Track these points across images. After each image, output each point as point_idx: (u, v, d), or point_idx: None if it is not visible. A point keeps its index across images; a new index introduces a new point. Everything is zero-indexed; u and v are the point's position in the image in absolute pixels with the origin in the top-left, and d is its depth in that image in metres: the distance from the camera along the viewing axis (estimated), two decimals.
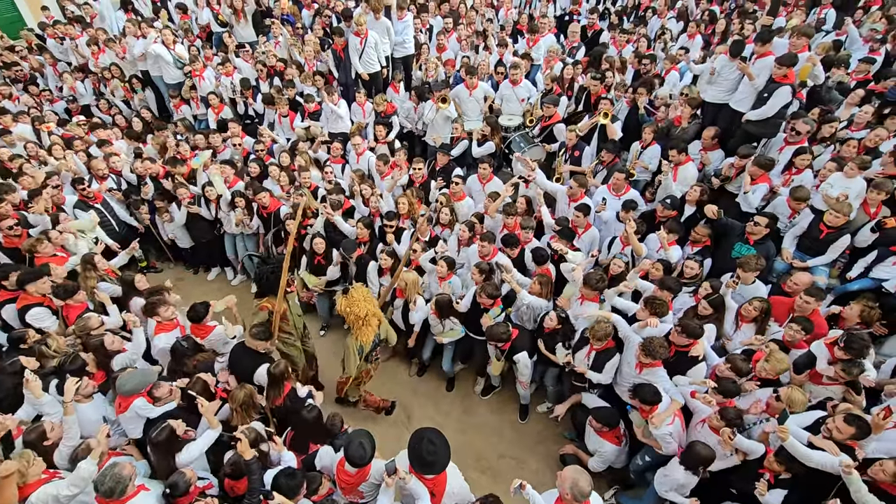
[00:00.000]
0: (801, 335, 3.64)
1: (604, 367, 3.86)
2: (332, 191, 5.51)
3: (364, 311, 3.67)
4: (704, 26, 7.94)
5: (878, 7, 8.03)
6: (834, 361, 3.44)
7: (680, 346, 3.69)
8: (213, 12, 8.71)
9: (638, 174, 5.74)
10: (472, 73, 6.60)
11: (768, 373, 3.49)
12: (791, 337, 3.68)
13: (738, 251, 4.45)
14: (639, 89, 6.15)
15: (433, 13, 8.95)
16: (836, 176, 4.68)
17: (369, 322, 3.77)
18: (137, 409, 3.32)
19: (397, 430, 4.69)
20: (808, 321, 3.66)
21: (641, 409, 3.52)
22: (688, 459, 3.24)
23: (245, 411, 3.42)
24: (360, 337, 3.81)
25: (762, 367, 3.51)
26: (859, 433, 2.93)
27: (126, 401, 3.32)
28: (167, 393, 3.41)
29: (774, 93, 5.04)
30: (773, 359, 3.47)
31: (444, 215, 5.04)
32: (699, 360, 3.69)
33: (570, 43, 7.88)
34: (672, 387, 3.63)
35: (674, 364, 3.72)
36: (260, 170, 6.06)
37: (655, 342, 3.50)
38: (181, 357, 3.85)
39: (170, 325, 4.09)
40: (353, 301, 3.67)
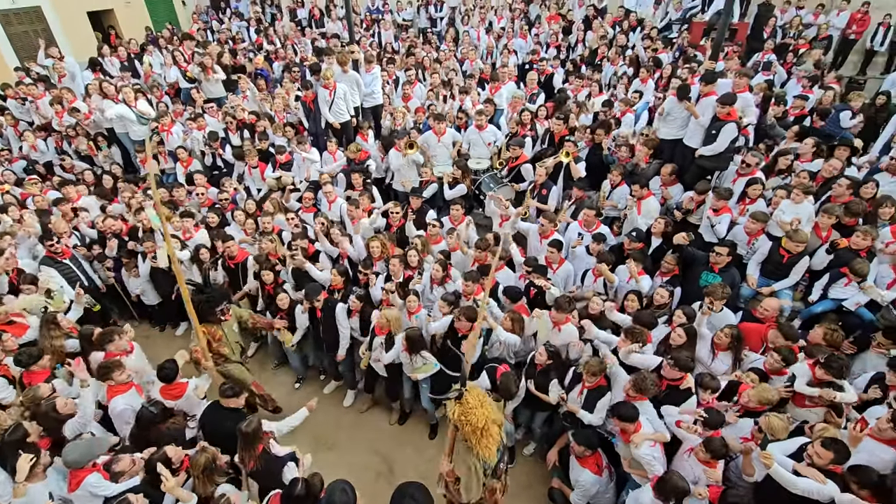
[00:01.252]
0: (781, 364, 3.70)
1: (595, 406, 3.81)
2: (297, 235, 5.46)
3: (482, 419, 3.04)
4: (653, 72, 8.54)
5: (807, 50, 8.87)
6: (816, 383, 3.51)
7: (671, 380, 3.71)
8: (181, 70, 8.86)
9: (607, 212, 5.97)
10: (440, 120, 6.84)
11: (754, 403, 3.52)
12: (772, 366, 3.75)
13: (704, 280, 4.60)
14: (598, 130, 6.49)
15: (399, 66, 9.35)
16: (786, 203, 4.98)
17: (490, 432, 3.08)
18: (90, 486, 2.97)
19: (379, 483, 4.47)
20: (791, 351, 3.73)
21: (623, 431, 3.49)
22: (661, 488, 3.14)
23: (207, 477, 3.13)
24: (482, 451, 3.09)
25: (748, 396, 3.54)
26: (838, 457, 2.94)
27: (77, 476, 2.98)
28: (129, 465, 3.09)
29: (721, 129, 5.40)
30: (759, 389, 3.52)
31: (412, 258, 5.05)
32: (691, 394, 3.70)
33: (529, 90, 8.33)
34: (658, 421, 3.61)
35: (666, 398, 3.72)
36: (218, 219, 5.99)
37: (648, 379, 3.50)
38: (148, 424, 3.54)
39: (124, 387, 3.78)
40: (468, 409, 3.03)
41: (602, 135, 6.46)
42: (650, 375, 3.55)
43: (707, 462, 3.23)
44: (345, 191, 6.59)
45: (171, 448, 3.07)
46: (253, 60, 9.98)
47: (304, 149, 6.63)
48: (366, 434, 4.98)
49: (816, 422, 3.47)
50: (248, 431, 3.23)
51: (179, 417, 3.78)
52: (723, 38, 7.38)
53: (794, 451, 3.18)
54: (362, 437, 4.94)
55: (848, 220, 4.73)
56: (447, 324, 4.39)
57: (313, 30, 12.56)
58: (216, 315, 4.48)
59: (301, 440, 4.90)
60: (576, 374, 3.98)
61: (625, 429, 3.45)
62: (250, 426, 3.25)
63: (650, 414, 3.59)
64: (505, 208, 5.49)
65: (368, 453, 4.79)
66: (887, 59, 10.11)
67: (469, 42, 10.74)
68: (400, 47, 11.43)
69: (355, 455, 4.77)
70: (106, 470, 3.05)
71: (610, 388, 3.85)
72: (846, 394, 3.43)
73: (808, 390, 3.53)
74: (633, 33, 10.41)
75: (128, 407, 3.67)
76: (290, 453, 3.43)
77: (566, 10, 12.22)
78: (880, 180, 5.25)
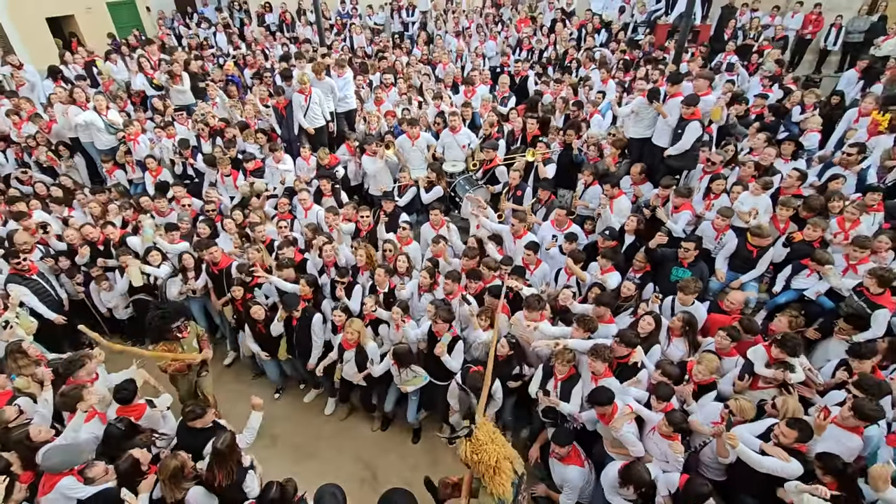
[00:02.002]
0: (727, 341, 3.90)
1: (570, 395, 3.92)
2: (282, 245, 5.40)
3: (494, 455, 2.98)
4: (623, 73, 8.76)
5: (768, 51, 9.24)
6: (772, 363, 3.69)
7: (620, 358, 3.89)
8: (148, 77, 8.65)
9: (580, 211, 6.09)
10: (413, 124, 6.87)
11: (703, 374, 3.73)
12: (720, 344, 3.94)
13: (675, 275, 4.75)
14: (568, 131, 6.62)
15: (372, 70, 9.34)
16: (745, 195, 5.24)
17: (502, 469, 3.03)
18: (64, 489, 2.96)
19: (364, 491, 4.45)
20: (735, 329, 3.94)
21: (602, 415, 3.60)
22: (625, 474, 3.29)
23: (175, 483, 3.11)
24: (496, 489, 3.02)
25: (697, 371, 3.75)
26: (802, 435, 3.10)
27: (51, 479, 2.96)
28: (101, 473, 3.08)
29: (686, 128, 5.58)
30: (704, 360, 3.74)
31: (402, 263, 5.05)
32: (639, 368, 3.90)
33: (501, 93, 8.45)
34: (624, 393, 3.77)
35: (619, 375, 3.89)
36: (210, 230, 5.88)
37: (601, 346, 3.73)
38: (117, 442, 3.49)
39: (89, 416, 3.68)
40: (479, 446, 2.98)
41: (572, 135, 6.59)
42: (603, 344, 3.77)
43: (669, 436, 3.37)
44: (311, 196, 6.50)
45: (137, 451, 3.07)
46: (223, 66, 9.83)
47: (277, 157, 6.56)
48: (348, 442, 4.95)
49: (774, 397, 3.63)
50: (223, 448, 3.20)
51: (147, 433, 3.72)
52: (685, 40, 7.62)
53: (762, 432, 3.33)
54: (344, 444, 4.91)
55: (805, 214, 4.97)
56: (426, 330, 4.42)
57: (283, 34, 12.42)
58: (172, 332, 4.39)
59: (282, 450, 4.88)
60: (546, 369, 4.06)
61: (603, 412, 3.57)
62: (224, 442, 3.22)
63: (614, 387, 3.74)
64: (483, 210, 5.55)
65: (351, 461, 4.76)
66: (840, 57, 10.60)
67: (442, 46, 10.81)
68: (372, 51, 11.42)
69: (338, 463, 4.74)
70: (80, 475, 3.06)
71: (580, 374, 3.98)
72: (796, 374, 3.62)
73: (765, 372, 3.72)
74: (597, 35, 10.65)
75: (91, 435, 3.58)
76: (251, 462, 3.45)
77: (537, 13, 12.43)
78: (839, 173, 5.52)
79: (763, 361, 3.78)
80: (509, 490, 3.04)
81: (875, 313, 4.01)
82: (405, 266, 5.03)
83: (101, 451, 3.57)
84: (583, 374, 3.99)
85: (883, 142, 5.97)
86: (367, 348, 4.54)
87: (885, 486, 2.85)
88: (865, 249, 4.39)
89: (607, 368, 3.81)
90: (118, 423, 3.60)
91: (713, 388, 3.84)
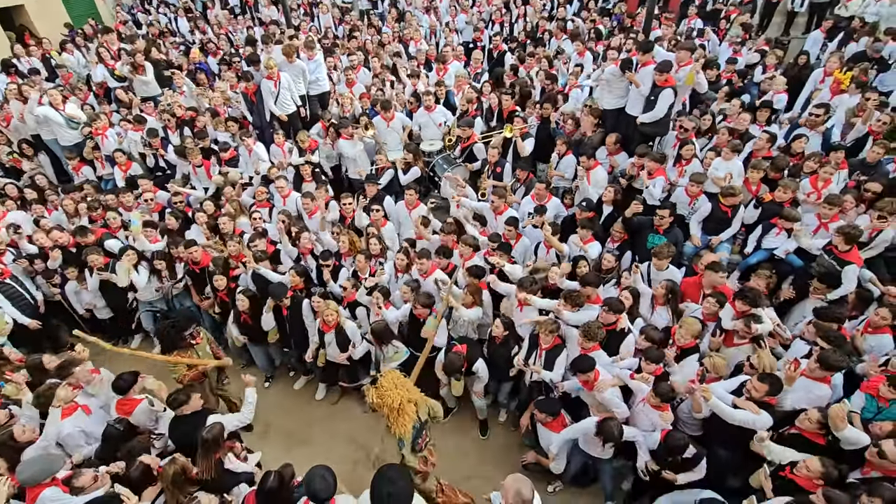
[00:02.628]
0: (716, 307, 4.01)
1: (554, 363, 4.02)
2: (253, 238, 5.31)
3: (398, 399, 3.28)
4: (594, 43, 8.71)
5: (735, 15, 9.26)
6: (738, 316, 3.84)
7: (608, 325, 3.99)
8: (109, 68, 8.32)
9: (556, 182, 6.13)
10: (387, 108, 6.77)
11: (685, 338, 3.85)
12: (708, 310, 4.05)
13: (651, 242, 4.86)
14: (545, 105, 6.61)
15: (342, 51, 9.12)
16: (718, 161, 5.34)
17: (405, 410, 3.33)
18: (48, 500, 2.89)
19: (358, 471, 4.54)
20: (723, 294, 4.05)
21: (584, 382, 3.72)
22: (600, 426, 3.46)
23: (178, 488, 3.09)
24: (398, 429, 3.33)
25: (679, 335, 3.87)
26: (772, 389, 3.26)
27: (32, 492, 2.90)
28: (90, 482, 3.00)
29: (659, 96, 5.62)
30: (685, 324, 3.86)
31: (374, 246, 5.06)
32: (627, 333, 4.02)
33: (474, 69, 8.35)
34: (612, 366, 3.90)
35: (608, 342, 4.00)
36: (178, 223, 5.76)
37: (593, 325, 3.78)
38: (116, 442, 3.48)
39: (70, 409, 3.65)
40: (383, 391, 3.29)
41: (549, 109, 6.58)
42: (595, 322, 3.84)
43: (658, 406, 3.51)
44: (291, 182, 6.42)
45: (148, 458, 3.04)
46: (189, 54, 9.48)
47: (249, 143, 6.42)
48: (340, 425, 5.02)
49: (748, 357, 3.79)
50: (209, 438, 3.18)
51: (145, 434, 3.70)
52: (654, 7, 7.58)
53: (735, 388, 3.50)
54: (337, 428, 4.98)
55: (774, 175, 5.09)
56: (407, 312, 4.46)
57: (247, 17, 12.00)
58: (185, 340, 4.33)
59: (274, 438, 4.93)
60: (532, 338, 4.15)
61: (586, 379, 3.69)
62: (211, 432, 3.19)
63: (603, 360, 3.86)
64: (462, 188, 5.55)
65: (345, 443, 4.84)
66: (807, 18, 10.68)
67: (413, 23, 10.58)
68: (342, 31, 11.13)
69: (332, 446, 4.81)
70: (66, 484, 2.99)
71: (565, 345, 4.07)
72: (764, 325, 3.77)
73: (730, 325, 3.87)
74: (569, 5, 10.53)
75: (75, 429, 3.55)
76: (248, 473, 3.39)
77: None
78: (805, 133, 5.65)
79: (730, 315, 3.93)
80: (409, 431, 3.36)
81: (844, 269, 4.17)
82: (377, 248, 5.04)
83: (100, 454, 3.57)
84: (569, 346, 4.07)
85: (846, 100, 6.10)
86: (347, 328, 4.56)
87: (842, 424, 3.02)
88: (836, 207, 4.53)
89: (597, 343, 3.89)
90: (117, 423, 3.57)
91: (696, 351, 3.95)
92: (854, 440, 3.05)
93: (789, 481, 3.00)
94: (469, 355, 4.19)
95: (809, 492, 2.88)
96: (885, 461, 2.90)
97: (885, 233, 4.40)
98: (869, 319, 3.93)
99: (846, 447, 3.09)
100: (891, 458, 2.86)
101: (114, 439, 3.50)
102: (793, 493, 2.94)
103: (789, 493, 2.96)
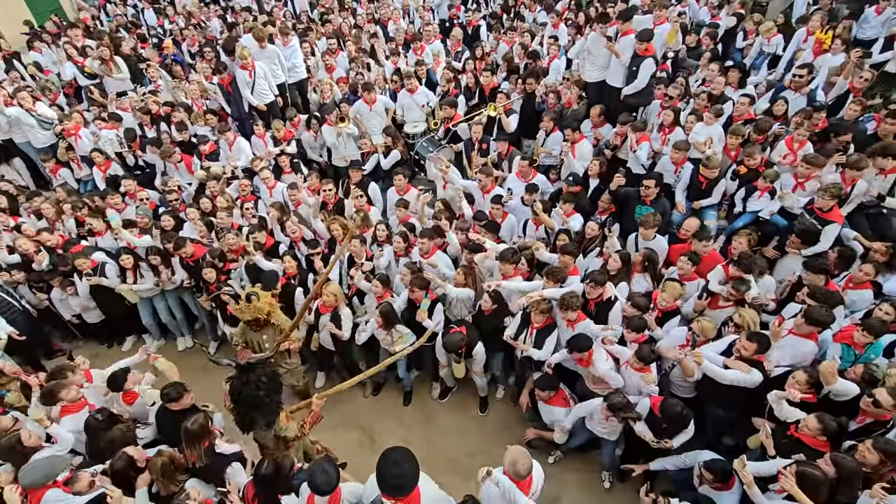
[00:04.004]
0: (689, 266, 4.11)
1: (544, 343, 4.06)
2: (254, 228, 5.28)
3: (266, 310, 3.84)
4: (574, 14, 8.60)
5: None
6: (728, 280, 3.91)
7: (595, 298, 4.04)
8: (78, 65, 8.06)
9: (543, 160, 6.12)
10: (369, 89, 6.67)
11: (667, 301, 3.94)
12: (682, 270, 4.14)
13: (639, 212, 4.89)
14: (528, 80, 6.55)
15: (317, 35, 8.91)
16: (699, 126, 5.37)
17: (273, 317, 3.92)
18: (52, 502, 2.94)
19: (363, 454, 4.61)
20: (695, 254, 4.15)
21: (580, 360, 3.78)
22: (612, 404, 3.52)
23: (168, 478, 3.11)
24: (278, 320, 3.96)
25: (661, 298, 3.95)
26: (761, 347, 3.35)
27: (35, 495, 2.93)
28: (86, 486, 3.02)
29: (641, 65, 5.59)
30: (668, 288, 3.94)
31: (381, 231, 5.05)
32: (614, 302, 4.07)
33: (454, 47, 8.21)
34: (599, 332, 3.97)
35: (597, 314, 4.07)
36: (174, 222, 5.69)
37: (568, 295, 3.85)
38: (98, 432, 3.48)
39: (77, 406, 3.70)
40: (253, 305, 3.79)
41: (533, 84, 6.53)
42: (570, 292, 3.90)
43: (641, 369, 3.60)
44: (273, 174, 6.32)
45: (132, 448, 3.04)
46: (162, 46, 9.19)
47: (229, 137, 6.31)
48: (343, 411, 5.06)
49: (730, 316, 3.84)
50: (193, 429, 3.16)
51: (128, 422, 3.70)
52: None
53: (724, 349, 3.59)
54: (339, 414, 5.02)
55: (757, 137, 5.13)
56: (405, 298, 4.49)
57: (218, 4, 11.64)
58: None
59: None
60: (524, 316, 4.18)
61: (581, 357, 3.75)
62: (195, 423, 3.18)
63: (592, 330, 3.91)
64: (446, 169, 5.52)
65: (349, 428, 4.90)
66: None
67: (387, 2, 10.34)
68: (316, 16, 10.85)
69: (335, 432, 4.84)
70: (66, 485, 3.02)
71: (556, 324, 4.12)
72: (752, 290, 3.86)
73: (718, 288, 3.96)
74: None
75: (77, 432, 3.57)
76: (237, 452, 3.39)
77: None
78: (787, 97, 5.68)
79: (718, 279, 4.01)
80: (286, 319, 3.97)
81: (825, 228, 4.24)
82: (385, 234, 5.04)
83: (89, 448, 3.58)
84: (559, 322, 4.12)
85: (828, 60, 6.11)
86: (342, 313, 4.56)
87: (833, 378, 3.13)
88: (814, 167, 4.59)
89: (580, 313, 3.95)
90: (97, 413, 3.58)
91: (677, 314, 4.05)
92: (844, 392, 3.17)
93: (796, 440, 3.09)
94: (468, 337, 4.21)
95: (815, 449, 2.99)
96: (879, 409, 3.01)
97: (858, 185, 4.48)
98: (851, 275, 4.03)
99: (837, 399, 3.20)
100: (885, 405, 2.97)
101: (94, 429, 3.49)
102: (800, 451, 3.03)
103: (795, 451, 3.05)
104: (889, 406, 2.96)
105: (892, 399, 2.95)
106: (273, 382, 3.19)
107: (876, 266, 3.93)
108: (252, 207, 5.71)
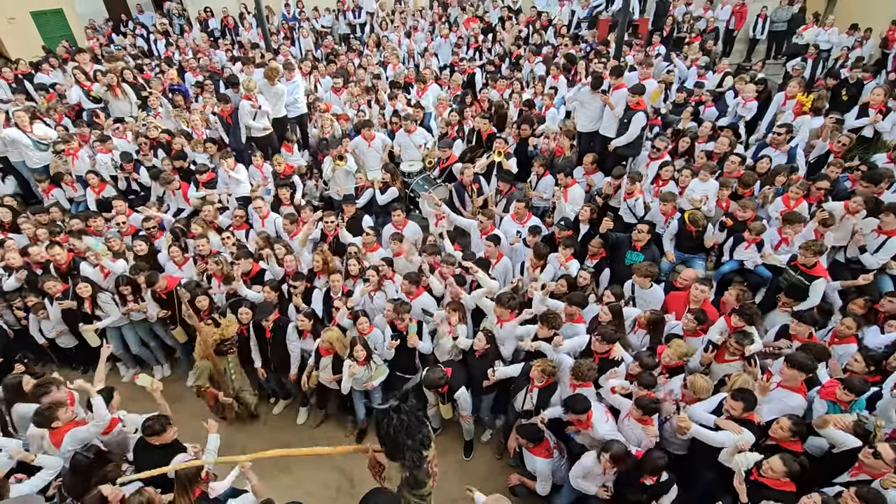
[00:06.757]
0: (694, 324, 4.09)
1: (549, 402, 3.96)
2: (239, 255, 5.22)
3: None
4: (566, 69, 9.02)
5: (698, 42, 9.76)
6: (731, 332, 3.88)
7: (601, 353, 3.96)
8: (84, 89, 8.20)
9: (535, 202, 6.24)
10: (369, 126, 6.83)
11: (672, 358, 3.86)
12: (687, 326, 4.12)
13: (629, 259, 4.96)
14: (522, 126, 6.78)
15: (322, 73, 9.21)
16: (694, 182, 5.52)
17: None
18: None
19: (341, 500, 4.41)
20: (702, 312, 4.12)
21: (577, 422, 3.66)
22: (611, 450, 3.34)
23: None
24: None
25: (666, 355, 3.88)
26: (747, 405, 3.27)
27: None
28: None
29: (633, 119, 5.83)
30: (673, 346, 3.87)
31: (353, 266, 5.01)
32: (620, 362, 3.99)
33: (453, 91, 8.52)
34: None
35: (600, 371, 3.95)
36: (147, 248, 5.63)
37: (584, 365, 3.72)
38: (85, 470, 3.29)
39: (71, 425, 3.54)
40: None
41: (527, 130, 6.74)
42: (585, 361, 3.78)
43: (642, 420, 3.50)
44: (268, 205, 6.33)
45: (107, 487, 2.88)
46: (165, 75, 9.42)
47: (229, 165, 6.37)
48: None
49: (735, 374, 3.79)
50: (187, 475, 3.05)
51: (117, 463, 3.50)
52: (624, 34, 7.92)
53: (715, 407, 3.50)
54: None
55: (742, 191, 5.32)
56: (390, 333, 4.46)
57: (226, 39, 12.03)
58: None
59: (254, 465, 4.68)
60: (525, 372, 4.06)
61: (578, 419, 3.61)
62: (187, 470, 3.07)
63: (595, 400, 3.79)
64: (437, 207, 5.59)
65: (327, 470, 4.69)
66: (767, 45, 11.35)
67: (391, 47, 10.78)
68: (321, 55, 11.25)
69: (313, 473, 4.66)
70: None
71: (559, 381, 4.01)
72: (755, 345, 3.82)
73: (717, 337, 3.90)
74: (545, 32, 10.91)
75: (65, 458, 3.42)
76: (228, 490, 3.28)
77: (482, 11, 12.60)
78: (769, 154, 5.93)
79: (720, 331, 3.97)
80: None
81: (813, 284, 4.32)
82: (357, 269, 5.00)
83: (70, 483, 3.36)
84: (562, 379, 4.00)
85: (807, 121, 6.46)
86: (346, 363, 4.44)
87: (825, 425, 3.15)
88: (797, 224, 4.74)
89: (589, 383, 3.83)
90: (86, 451, 3.39)
91: (682, 371, 3.96)
92: (842, 442, 3.15)
93: (760, 484, 3.01)
94: (452, 382, 4.12)
95: (781, 491, 2.92)
96: (879, 461, 2.93)
97: (826, 237, 4.63)
98: (835, 329, 4.07)
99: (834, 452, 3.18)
100: (886, 459, 2.90)
101: (82, 468, 3.30)
102: (765, 496, 2.94)
103: (760, 497, 2.97)
104: (890, 461, 2.89)
105: (893, 453, 2.88)
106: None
107: (857, 320, 3.99)
108: (230, 236, 5.66)
